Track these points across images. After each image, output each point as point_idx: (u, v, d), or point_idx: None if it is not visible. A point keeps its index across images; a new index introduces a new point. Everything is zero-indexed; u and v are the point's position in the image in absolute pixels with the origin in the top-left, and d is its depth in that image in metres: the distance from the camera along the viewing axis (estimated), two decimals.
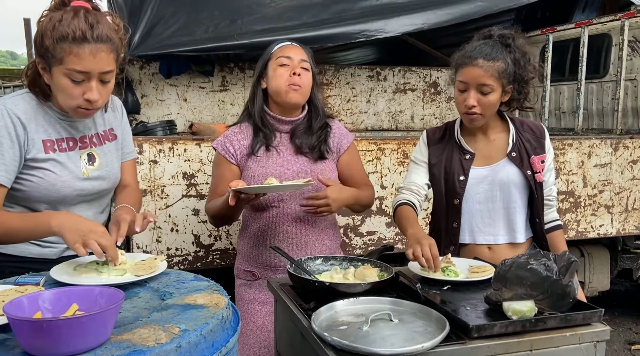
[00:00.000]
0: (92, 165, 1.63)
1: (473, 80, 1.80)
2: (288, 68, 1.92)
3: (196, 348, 1.03)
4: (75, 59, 1.40)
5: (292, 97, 1.92)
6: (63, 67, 1.42)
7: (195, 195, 2.78)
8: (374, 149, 3.08)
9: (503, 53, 1.80)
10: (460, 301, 1.45)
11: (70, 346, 0.93)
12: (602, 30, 4.68)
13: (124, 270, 1.38)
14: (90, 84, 1.45)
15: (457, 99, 1.87)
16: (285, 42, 2.00)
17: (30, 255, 1.59)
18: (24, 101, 1.54)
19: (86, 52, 1.40)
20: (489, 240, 1.93)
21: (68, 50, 1.40)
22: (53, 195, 1.54)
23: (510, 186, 1.90)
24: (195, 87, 4.70)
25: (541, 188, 1.92)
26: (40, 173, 1.52)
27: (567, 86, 5.03)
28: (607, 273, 3.95)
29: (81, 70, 1.42)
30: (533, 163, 1.89)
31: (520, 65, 1.82)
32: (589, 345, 1.34)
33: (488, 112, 1.84)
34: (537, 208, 1.91)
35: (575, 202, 3.49)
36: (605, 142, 3.55)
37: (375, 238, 3.13)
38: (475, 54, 1.80)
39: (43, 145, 1.53)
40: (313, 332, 1.26)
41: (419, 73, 5.50)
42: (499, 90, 1.81)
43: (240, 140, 2.00)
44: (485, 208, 1.92)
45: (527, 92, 1.88)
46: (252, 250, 2.03)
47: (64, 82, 1.44)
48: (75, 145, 1.60)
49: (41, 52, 1.44)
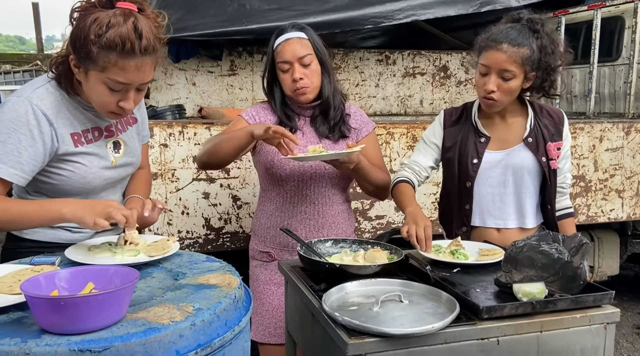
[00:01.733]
0: (118, 152, 1.61)
1: (496, 65, 1.77)
2: (289, 73, 1.91)
3: (210, 326, 1.04)
4: (119, 71, 1.34)
5: (301, 99, 1.94)
6: (104, 75, 1.35)
7: (205, 179, 2.80)
8: (383, 133, 3.07)
9: (530, 39, 1.76)
10: (470, 284, 1.46)
11: (87, 324, 0.95)
12: (615, 13, 4.60)
13: (138, 251, 1.40)
14: (128, 94, 1.41)
15: (478, 82, 1.85)
16: (283, 36, 1.92)
17: (60, 240, 1.57)
18: (48, 93, 1.46)
19: (132, 66, 1.34)
20: (499, 224, 1.93)
21: (113, 61, 1.33)
22: (85, 187, 1.53)
23: (523, 171, 1.88)
24: (203, 71, 4.69)
25: (555, 175, 1.90)
26: (72, 166, 1.49)
27: (579, 69, 4.96)
28: (616, 257, 3.94)
29: (123, 82, 1.37)
30: (549, 150, 1.87)
31: (547, 52, 1.78)
32: (599, 327, 1.34)
33: (506, 98, 1.82)
34: (549, 195, 1.91)
35: (586, 186, 3.47)
36: (617, 126, 3.52)
37: (384, 222, 3.13)
38: (500, 38, 1.76)
39: (72, 139, 1.49)
40: (324, 312, 1.28)
41: (429, 57, 5.45)
42: (520, 77, 1.78)
43: (267, 115, 2.02)
44: (497, 192, 1.92)
45: (554, 80, 1.84)
46: (269, 231, 2.04)
47: (101, 89, 1.39)
48: (100, 135, 1.56)
49: (81, 54, 1.36)
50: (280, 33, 1.94)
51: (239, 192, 2.86)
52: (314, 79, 1.93)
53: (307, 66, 1.91)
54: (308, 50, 1.92)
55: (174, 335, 0.98)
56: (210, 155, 1.89)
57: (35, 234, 1.56)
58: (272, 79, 1.99)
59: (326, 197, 2.02)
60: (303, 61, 1.90)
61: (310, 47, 1.93)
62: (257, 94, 4.83)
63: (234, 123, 2.03)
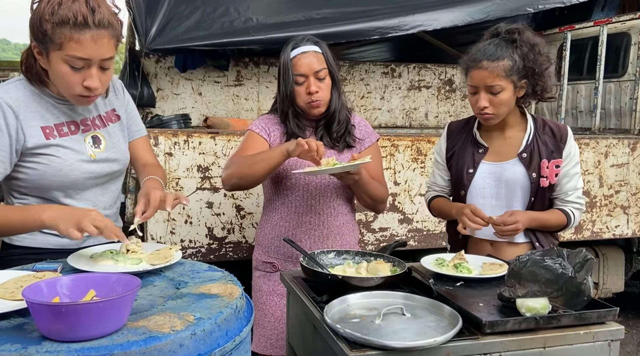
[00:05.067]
0: (98, 147, 1.60)
1: (481, 82, 1.80)
2: (304, 86, 1.93)
3: (210, 336, 1.04)
4: (75, 45, 1.36)
5: (314, 112, 1.96)
6: (62, 53, 1.37)
7: (209, 188, 2.80)
8: (388, 145, 3.07)
9: (508, 50, 1.78)
10: (473, 298, 1.45)
11: (88, 331, 0.94)
12: (621, 29, 4.62)
13: (140, 259, 1.40)
14: (91, 71, 1.41)
15: (471, 101, 1.88)
16: (299, 49, 1.94)
17: (49, 246, 1.57)
18: (16, 88, 1.49)
19: (87, 38, 1.36)
20: (487, 236, 1.92)
21: (68, 36, 1.35)
22: (62, 180, 1.52)
23: (515, 185, 1.89)
24: (210, 81, 4.72)
25: (543, 192, 1.88)
26: (45, 159, 1.49)
27: (584, 85, 4.97)
28: (621, 274, 3.91)
29: (82, 57, 1.37)
30: (543, 167, 1.87)
31: (530, 59, 1.79)
32: (603, 344, 1.33)
33: (501, 110, 1.83)
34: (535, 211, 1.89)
35: (591, 202, 3.46)
36: (622, 141, 3.51)
37: (387, 234, 3.13)
38: (479, 56, 1.79)
39: (42, 132, 1.49)
40: (325, 324, 1.27)
41: (434, 70, 5.47)
42: (510, 88, 1.80)
43: (274, 125, 2.03)
44: (488, 203, 1.92)
45: (544, 83, 1.85)
46: (273, 241, 2.04)
47: (63, 69, 1.40)
48: (77, 129, 1.56)
49: (38, 37, 1.39)
50: (296, 45, 1.95)
51: (243, 202, 2.87)
52: (327, 93, 1.96)
53: (322, 80, 1.93)
54: (323, 64, 1.94)
55: (175, 344, 0.97)
56: (244, 177, 1.87)
57: (25, 240, 1.56)
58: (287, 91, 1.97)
59: (331, 207, 2.02)
60: (318, 75, 1.92)
61: (324, 62, 1.95)
62: (262, 105, 4.85)
63: (248, 139, 2.01)
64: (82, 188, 1.58)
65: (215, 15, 3.47)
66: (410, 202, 3.15)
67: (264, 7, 3.55)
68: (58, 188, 1.53)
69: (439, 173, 2.07)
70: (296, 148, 1.74)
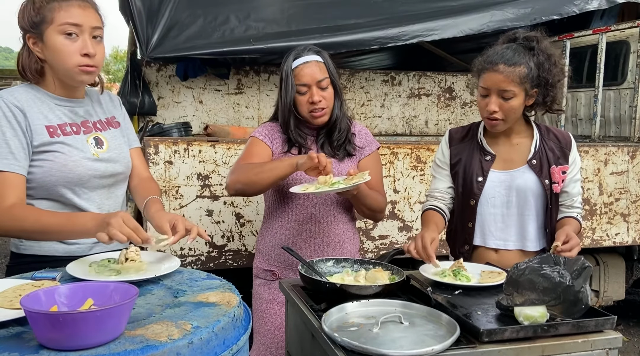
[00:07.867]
0: (101, 148, 1.65)
1: (494, 86, 1.78)
2: (306, 95, 1.94)
3: (207, 344, 1.04)
4: (65, 13, 1.50)
5: (317, 121, 1.97)
6: (55, 24, 1.49)
7: (209, 196, 2.81)
8: (387, 153, 3.08)
9: (525, 57, 1.77)
10: (471, 306, 1.45)
11: (85, 340, 0.94)
12: (620, 37, 4.64)
13: (138, 268, 1.40)
14: (84, 38, 1.52)
15: (480, 104, 1.86)
16: (302, 59, 1.95)
17: (57, 253, 1.59)
18: (19, 91, 1.57)
19: (74, 6, 1.51)
20: (499, 245, 1.92)
21: (57, 7, 1.49)
22: (68, 175, 1.55)
23: (527, 193, 1.88)
24: (210, 89, 4.74)
25: (556, 199, 1.89)
26: (50, 156, 1.54)
27: (584, 93, 4.98)
28: (622, 282, 3.90)
29: (74, 22, 1.50)
30: (552, 173, 1.86)
31: (545, 69, 1.78)
32: (601, 352, 1.32)
33: (510, 117, 1.82)
34: (548, 218, 1.89)
35: (591, 210, 3.46)
36: (622, 149, 3.51)
37: (387, 242, 3.13)
38: (496, 59, 1.77)
39: (47, 131, 1.54)
40: (323, 333, 1.27)
41: (434, 78, 5.49)
42: (521, 95, 1.79)
43: (276, 133, 2.04)
44: (500, 212, 1.91)
45: (554, 95, 1.84)
46: (273, 249, 2.04)
47: (59, 41, 1.50)
48: (79, 130, 1.62)
49: (30, 23, 1.51)
50: (298, 55, 1.96)
51: (243, 210, 2.87)
52: (330, 102, 1.97)
53: (324, 89, 1.94)
54: (325, 73, 1.95)
55: (172, 353, 0.97)
56: (249, 184, 1.87)
57: (33, 249, 1.59)
58: (287, 100, 1.97)
59: (332, 215, 2.02)
60: (321, 84, 1.94)
61: (326, 71, 1.96)
62: (263, 113, 4.87)
63: (252, 146, 2.01)
64: (87, 186, 1.61)
65: (216, 24, 3.49)
66: (410, 209, 3.15)
67: (265, 16, 3.57)
68: (64, 184, 1.56)
69: (440, 178, 2.02)
70: (306, 162, 1.75)
